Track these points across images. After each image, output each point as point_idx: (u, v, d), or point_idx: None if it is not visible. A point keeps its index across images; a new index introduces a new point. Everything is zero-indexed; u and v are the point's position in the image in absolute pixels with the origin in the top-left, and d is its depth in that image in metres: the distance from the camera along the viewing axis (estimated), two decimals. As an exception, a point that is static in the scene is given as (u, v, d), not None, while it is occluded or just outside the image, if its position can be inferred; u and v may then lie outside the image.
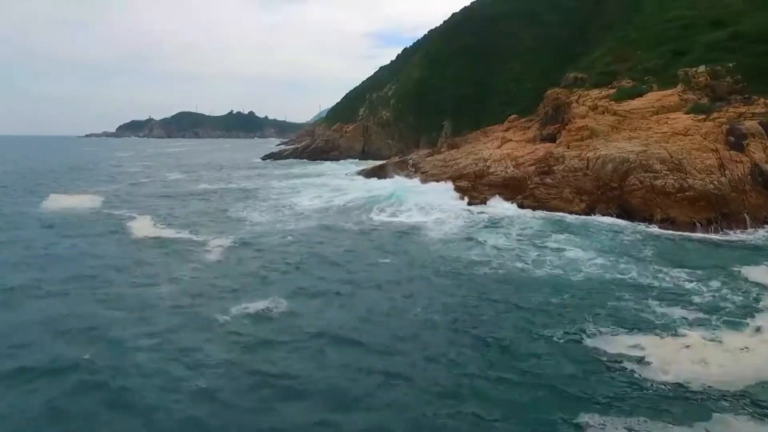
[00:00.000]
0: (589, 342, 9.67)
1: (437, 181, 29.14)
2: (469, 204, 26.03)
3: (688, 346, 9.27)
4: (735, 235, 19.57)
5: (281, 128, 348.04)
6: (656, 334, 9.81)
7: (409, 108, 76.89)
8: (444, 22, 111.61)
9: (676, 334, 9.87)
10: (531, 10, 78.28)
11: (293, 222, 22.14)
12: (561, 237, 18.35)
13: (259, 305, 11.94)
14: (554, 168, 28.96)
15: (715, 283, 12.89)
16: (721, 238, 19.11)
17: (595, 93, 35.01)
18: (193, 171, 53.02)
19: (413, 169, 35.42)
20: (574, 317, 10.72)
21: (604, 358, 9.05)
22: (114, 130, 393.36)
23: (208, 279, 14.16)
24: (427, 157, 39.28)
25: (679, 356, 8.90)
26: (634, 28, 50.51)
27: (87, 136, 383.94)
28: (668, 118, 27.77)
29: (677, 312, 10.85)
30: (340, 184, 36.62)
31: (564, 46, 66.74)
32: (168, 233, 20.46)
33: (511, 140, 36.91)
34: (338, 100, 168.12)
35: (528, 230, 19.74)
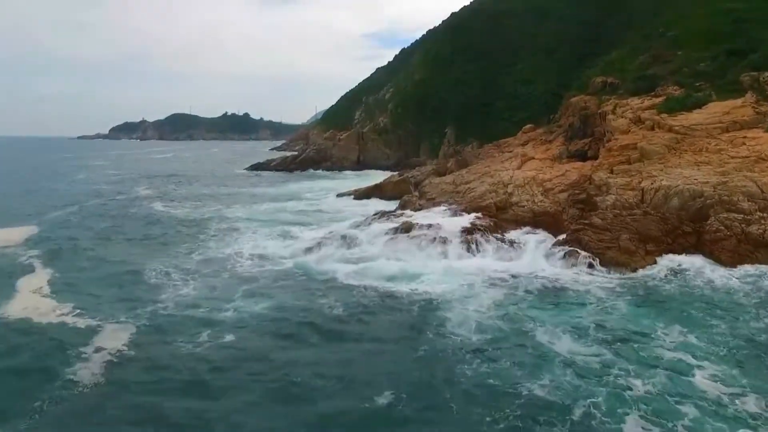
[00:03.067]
0: None
1: (452, 217, 22.92)
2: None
3: None
4: None
5: (276, 130, 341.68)
6: None
7: (409, 113, 70.74)
8: (443, 21, 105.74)
9: None
10: (540, 5, 72.26)
11: (234, 297, 15.32)
12: (671, 333, 11.92)
13: None
14: (596, 199, 22.92)
15: None
16: None
17: (635, 102, 29.02)
18: (164, 185, 47.06)
19: (417, 194, 29.34)
20: None
21: None
22: (107, 132, 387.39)
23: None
24: (433, 177, 33.21)
25: None
26: (663, 23, 44.69)
27: (79, 137, 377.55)
28: (745, 137, 21.81)
29: None
30: (321, 215, 30.18)
31: (579, 44, 60.73)
32: (50, 306, 14.54)
33: (533, 158, 30.83)
34: (335, 101, 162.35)
35: (607, 313, 13.35)
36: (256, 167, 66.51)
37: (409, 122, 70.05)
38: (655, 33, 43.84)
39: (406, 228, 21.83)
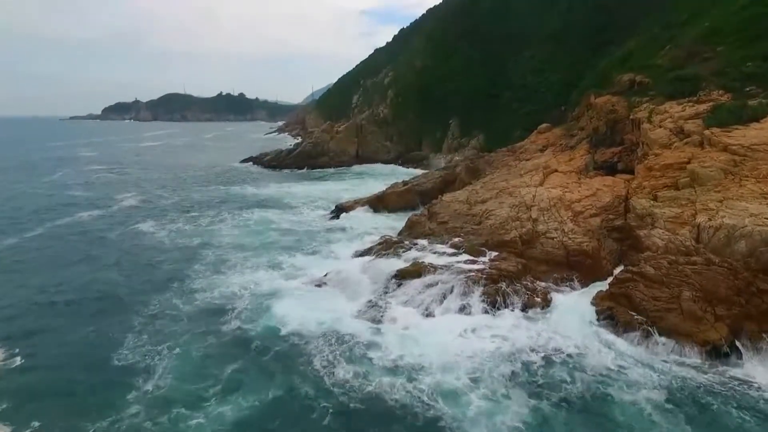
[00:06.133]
0: None
1: (471, 255, 19.49)
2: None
3: None
4: None
5: (272, 111, 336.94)
6: None
7: (410, 103, 66.74)
8: (444, 1, 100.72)
9: None
10: (551, -13, 67.57)
11: (214, 387, 12.38)
12: None
13: None
14: (639, 233, 19.61)
15: None
16: None
17: (675, 109, 25.41)
18: (151, 188, 43.06)
19: (426, 213, 25.85)
20: None
21: None
22: (99, 113, 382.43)
23: None
24: (441, 189, 29.73)
25: None
26: (689, 11, 40.69)
27: (71, 118, 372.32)
28: (821, 163, 18.31)
29: None
30: (317, 234, 26.74)
31: (592, 31, 56.52)
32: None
33: (556, 171, 27.36)
34: (331, 80, 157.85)
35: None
36: (250, 160, 62.80)
37: (411, 113, 66.14)
38: (678, 22, 39.98)
39: (417, 271, 18.51)
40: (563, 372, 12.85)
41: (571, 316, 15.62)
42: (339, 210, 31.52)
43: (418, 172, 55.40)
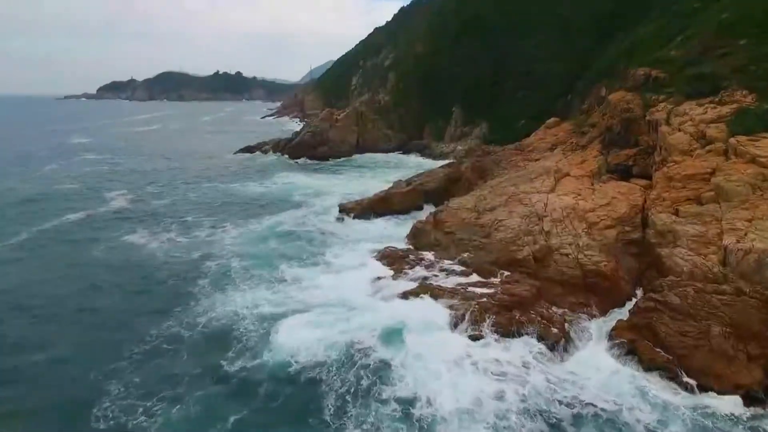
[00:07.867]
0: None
1: (481, 275, 18.46)
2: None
3: None
4: None
5: (269, 90, 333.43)
6: None
7: (412, 90, 64.93)
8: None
9: None
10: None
11: None
12: None
13: None
14: (660, 252, 18.52)
15: None
16: None
17: (696, 111, 24.08)
18: (144, 184, 41.62)
19: (432, 220, 24.66)
20: None
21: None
22: (94, 92, 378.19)
23: None
24: (450, 192, 28.54)
25: None
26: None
27: (66, 97, 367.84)
28: None
29: None
30: (312, 249, 24.93)
31: (599, 18, 54.48)
32: None
33: (567, 175, 26.12)
34: (330, 57, 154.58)
35: None
36: (248, 150, 61.15)
37: (412, 100, 64.38)
38: (688, 10, 38.22)
39: (424, 291, 17.49)
40: (588, 426, 11.86)
41: (591, 352, 14.64)
42: (341, 212, 30.32)
43: (422, 160, 54.17)
